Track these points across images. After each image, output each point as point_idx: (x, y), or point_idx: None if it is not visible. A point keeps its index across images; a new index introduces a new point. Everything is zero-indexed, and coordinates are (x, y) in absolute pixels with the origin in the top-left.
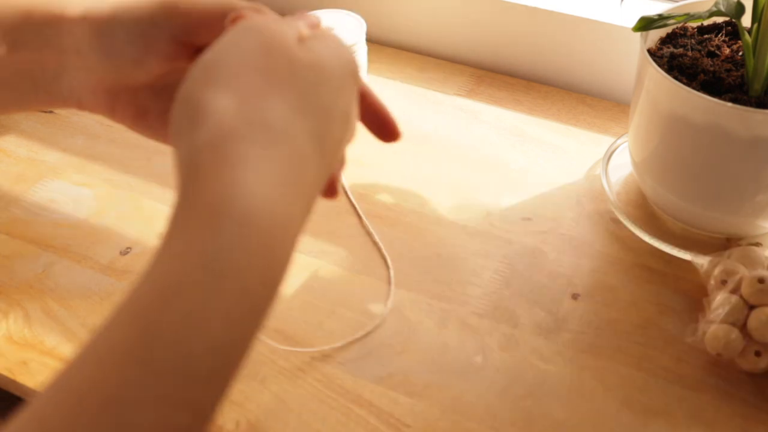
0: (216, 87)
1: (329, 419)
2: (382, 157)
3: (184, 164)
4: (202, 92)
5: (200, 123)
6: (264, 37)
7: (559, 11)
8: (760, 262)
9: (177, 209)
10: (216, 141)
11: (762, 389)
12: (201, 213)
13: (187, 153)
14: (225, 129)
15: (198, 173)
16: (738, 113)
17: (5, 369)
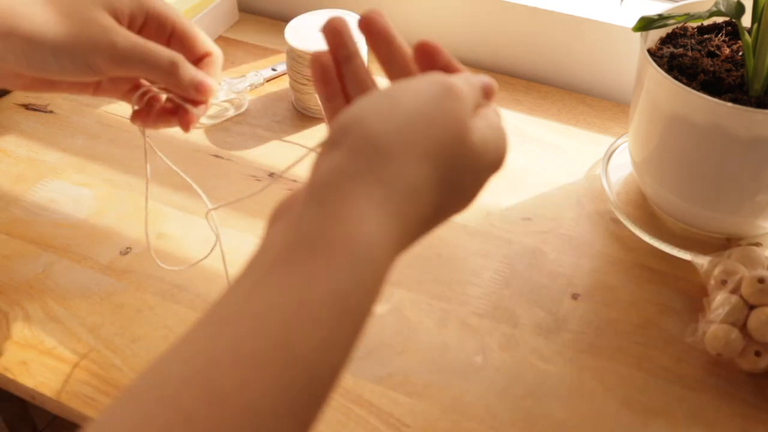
0: (387, 129)
1: (329, 419)
2: None
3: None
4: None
5: (353, 150)
6: (452, 106)
7: (559, 11)
8: (760, 262)
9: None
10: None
11: (762, 389)
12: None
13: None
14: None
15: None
16: (738, 113)
17: (5, 369)
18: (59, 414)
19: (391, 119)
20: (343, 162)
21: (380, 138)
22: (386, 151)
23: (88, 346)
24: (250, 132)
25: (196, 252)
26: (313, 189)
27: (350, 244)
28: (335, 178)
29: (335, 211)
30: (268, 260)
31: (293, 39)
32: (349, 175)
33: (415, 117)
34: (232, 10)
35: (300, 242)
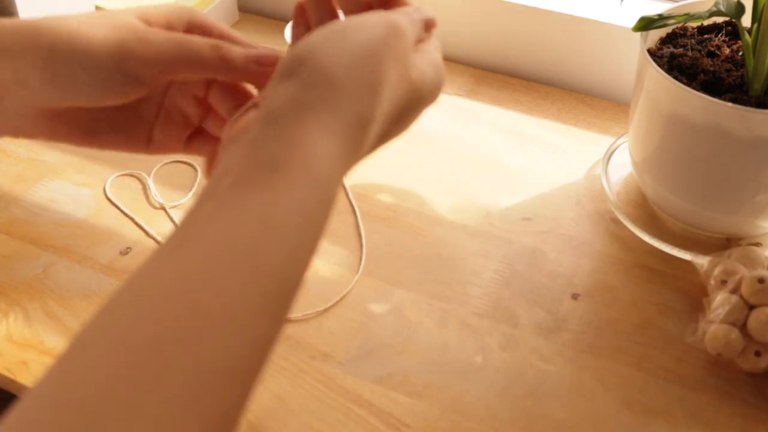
0: (339, 64)
1: (329, 419)
2: (382, 157)
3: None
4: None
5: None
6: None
7: (559, 11)
8: (760, 262)
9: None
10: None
11: (762, 389)
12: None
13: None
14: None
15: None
16: (738, 113)
17: (5, 369)
18: None
19: (343, 55)
20: (299, 92)
21: (333, 72)
22: (338, 84)
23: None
24: None
25: None
26: (270, 115)
27: (307, 165)
28: (292, 107)
29: (292, 136)
30: (228, 181)
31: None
32: (304, 104)
33: (363, 54)
34: (232, 10)
35: (260, 163)
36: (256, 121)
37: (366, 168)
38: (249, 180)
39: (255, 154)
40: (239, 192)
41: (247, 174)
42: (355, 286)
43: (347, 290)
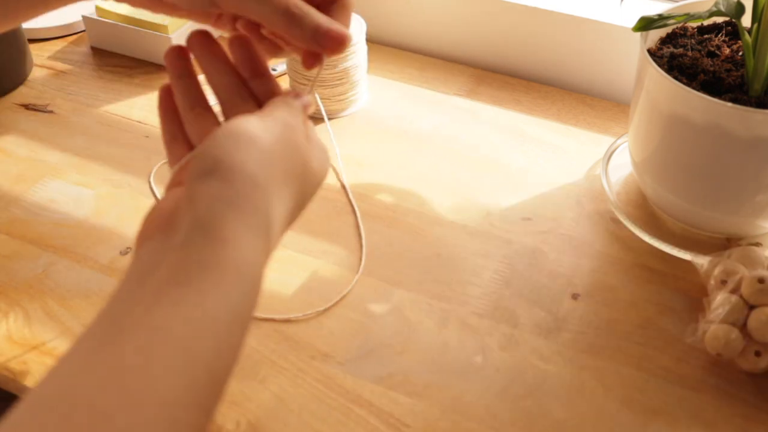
0: (252, 159)
1: (329, 419)
2: (382, 157)
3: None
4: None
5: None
6: (294, 138)
7: (559, 11)
8: (760, 262)
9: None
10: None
11: (762, 389)
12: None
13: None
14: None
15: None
16: (738, 113)
17: (5, 369)
18: None
19: (255, 155)
20: (221, 191)
21: (250, 171)
22: (255, 182)
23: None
24: None
25: None
26: (197, 218)
27: (234, 264)
28: (216, 206)
29: (219, 237)
30: (159, 279)
31: None
32: (227, 202)
33: (271, 152)
34: None
35: (191, 265)
36: (183, 221)
37: (366, 168)
38: (181, 280)
39: (186, 256)
40: (171, 290)
41: (178, 274)
42: (355, 286)
43: (347, 290)
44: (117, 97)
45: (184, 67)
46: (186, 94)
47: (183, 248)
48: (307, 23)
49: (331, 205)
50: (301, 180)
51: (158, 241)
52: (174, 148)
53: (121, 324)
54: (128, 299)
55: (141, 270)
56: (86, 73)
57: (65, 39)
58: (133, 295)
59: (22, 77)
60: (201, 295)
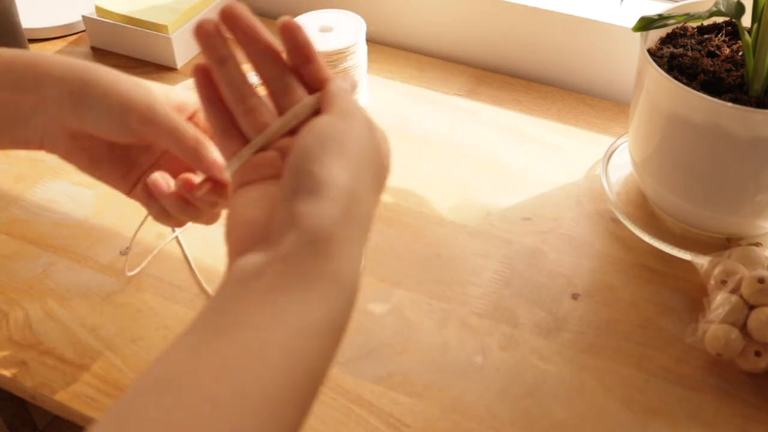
0: (347, 170)
1: (329, 419)
2: None
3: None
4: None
5: (326, 198)
6: (372, 134)
7: (559, 11)
8: (760, 262)
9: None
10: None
11: (762, 389)
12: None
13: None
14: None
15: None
16: (738, 113)
17: (5, 369)
18: (59, 414)
19: (350, 166)
20: (325, 210)
21: (349, 186)
22: (355, 196)
23: (88, 346)
24: None
25: (196, 251)
26: (303, 233)
27: (337, 278)
28: (321, 224)
29: (324, 251)
30: (264, 285)
31: None
32: (332, 221)
33: (361, 158)
34: None
35: (295, 275)
36: (291, 236)
37: None
38: (287, 288)
39: (291, 267)
40: (276, 296)
41: (284, 282)
42: None
43: None
44: None
45: (224, 49)
46: (233, 85)
47: (288, 260)
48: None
49: None
50: (379, 177)
51: (260, 252)
52: (227, 143)
53: (228, 320)
54: (233, 300)
55: (244, 276)
56: None
57: (65, 39)
58: (238, 297)
59: None
60: (305, 303)
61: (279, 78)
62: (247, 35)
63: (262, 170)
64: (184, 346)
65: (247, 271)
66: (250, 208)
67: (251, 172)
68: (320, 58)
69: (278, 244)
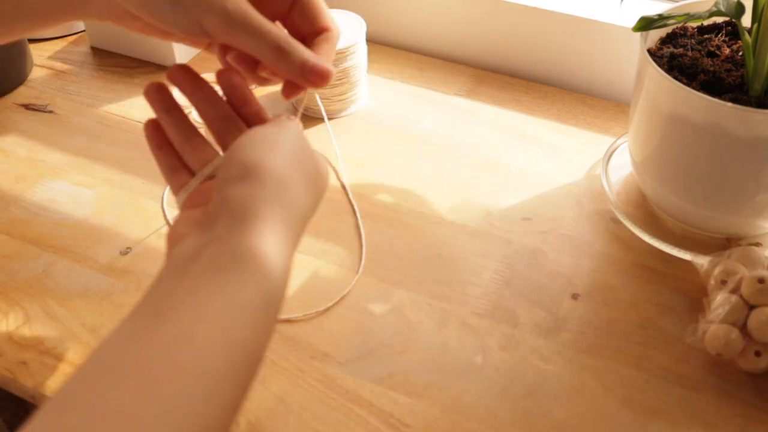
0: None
1: (329, 419)
2: (382, 157)
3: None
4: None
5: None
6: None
7: (559, 11)
8: (760, 262)
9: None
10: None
11: (762, 389)
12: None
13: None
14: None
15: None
16: (738, 113)
17: (5, 369)
18: None
19: (278, 157)
20: (255, 191)
21: (277, 172)
22: (284, 181)
23: (88, 346)
24: None
25: None
26: (233, 213)
27: (268, 257)
28: (251, 203)
29: (254, 230)
30: (200, 267)
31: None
32: (262, 201)
33: (293, 154)
34: None
35: (226, 256)
36: (222, 218)
37: (366, 168)
38: (220, 269)
39: (223, 248)
40: (211, 277)
41: (217, 263)
42: (355, 286)
43: (347, 290)
44: (117, 97)
45: (169, 101)
46: (179, 128)
47: (220, 241)
48: (294, 58)
49: (331, 205)
50: (313, 181)
51: (195, 236)
52: (175, 178)
53: (166, 305)
54: (171, 284)
55: (181, 260)
56: (86, 73)
57: (65, 39)
58: (175, 281)
59: (22, 77)
60: (238, 283)
61: (221, 119)
62: (190, 85)
63: (208, 195)
64: (123, 332)
65: (184, 255)
66: (192, 214)
67: (198, 198)
68: (257, 100)
69: (212, 227)
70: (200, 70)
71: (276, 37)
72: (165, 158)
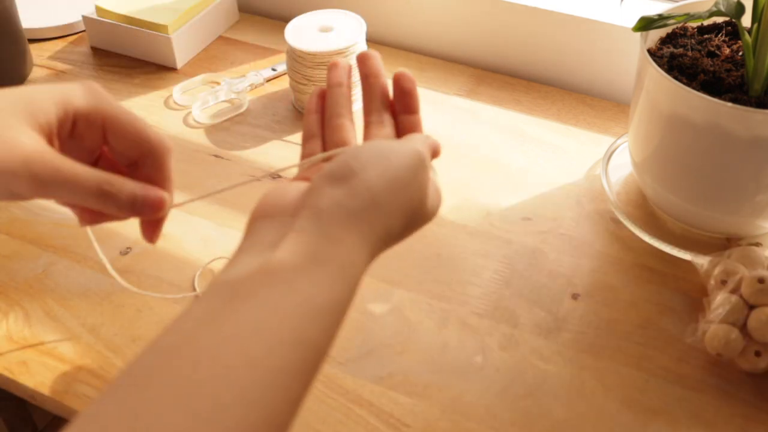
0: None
1: (329, 419)
2: None
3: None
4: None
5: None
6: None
7: (559, 11)
8: (760, 262)
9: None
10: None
11: (762, 389)
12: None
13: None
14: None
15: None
16: (738, 113)
17: (5, 369)
18: (59, 414)
19: (385, 177)
20: (346, 199)
21: (376, 190)
22: (378, 201)
23: (88, 346)
24: (250, 132)
25: (196, 253)
26: (320, 213)
27: (344, 264)
28: (338, 210)
29: (336, 236)
30: (276, 260)
31: (293, 39)
32: (349, 212)
33: (400, 180)
34: (232, 10)
35: (307, 254)
36: (306, 212)
37: None
38: (297, 266)
39: (302, 244)
40: (286, 274)
41: (295, 259)
42: None
43: None
44: (117, 97)
45: (343, 78)
46: (337, 103)
47: (300, 234)
48: (122, 197)
49: None
50: (413, 213)
51: (279, 222)
52: (309, 144)
53: (240, 289)
54: (246, 270)
55: (259, 243)
56: (86, 73)
57: (65, 39)
58: (251, 267)
59: (22, 77)
60: (311, 284)
61: (377, 112)
62: (369, 71)
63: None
64: (196, 313)
65: (262, 238)
66: (294, 189)
67: (312, 173)
68: (420, 114)
69: (297, 217)
70: (200, 70)
71: (95, 182)
72: (311, 123)
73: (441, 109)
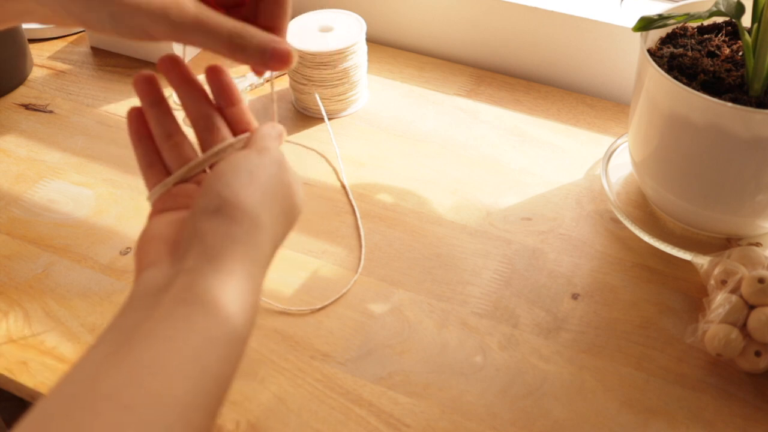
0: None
1: (329, 419)
2: (382, 157)
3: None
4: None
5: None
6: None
7: (559, 11)
8: (760, 262)
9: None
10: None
11: (762, 389)
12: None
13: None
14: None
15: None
16: (738, 113)
17: (5, 369)
18: None
19: (256, 195)
20: (229, 229)
21: (253, 211)
22: (257, 221)
23: (88, 346)
24: None
25: None
26: (206, 250)
27: (239, 294)
28: (224, 242)
29: (226, 268)
30: (170, 297)
31: (293, 39)
32: (234, 240)
33: (270, 192)
34: None
35: (198, 289)
36: (193, 251)
37: (366, 168)
38: (192, 301)
39: (195, 281)
40: (182, 308)
41: (188, 295)
42: (354, 286)
43: (345, 289)
44: (117, 97)
45: (157, 93)
46: (161, 123)
47: (192, 273)
48: (252, 47)
49: (331, 205)
50: (290, 214)
51: (167, 265)
52: (151, 174)
53: (136, 331)
54: (141, 312)
55: (151, 287)
56: (86, 73)
57: (65, 39)
58: (145, 309)
59: (22, 77)
60: (209, 316)
61: (204, 117)
62: (178, 78)
63: (180, 200)
64: (93, 358)
65: (154, 284)
66: (163, 227)
67: (170, 200)
68: (244, 103)
69: (184, 258)
70: (200, 71)
71: (228, 31)
72: (144, 151)
73: (441, 109)
